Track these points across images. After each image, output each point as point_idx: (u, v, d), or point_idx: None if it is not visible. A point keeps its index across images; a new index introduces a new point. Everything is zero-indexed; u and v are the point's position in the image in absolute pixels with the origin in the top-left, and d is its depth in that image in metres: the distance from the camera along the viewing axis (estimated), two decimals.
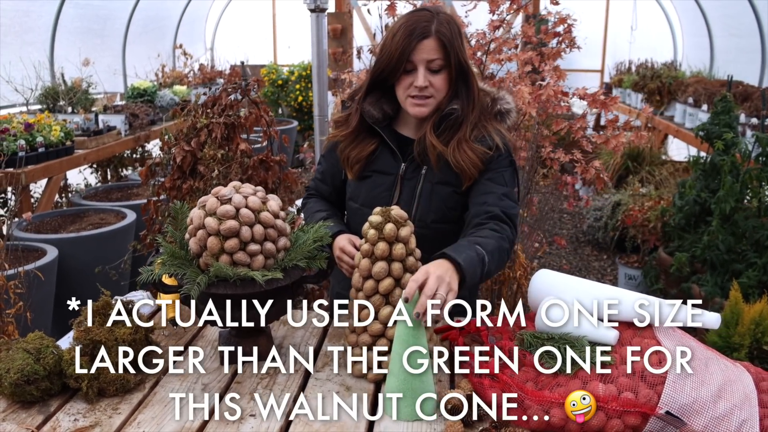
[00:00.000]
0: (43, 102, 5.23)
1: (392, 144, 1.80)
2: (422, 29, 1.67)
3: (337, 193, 1.98)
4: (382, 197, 1.82)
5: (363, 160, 1.82)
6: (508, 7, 3.01)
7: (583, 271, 5.54)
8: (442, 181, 1.77)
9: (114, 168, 5.89)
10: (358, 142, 1.83)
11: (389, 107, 1.80)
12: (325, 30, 3.75)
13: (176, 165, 2.82)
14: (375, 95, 1.79)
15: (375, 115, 1.78)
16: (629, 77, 8.12)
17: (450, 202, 1.78)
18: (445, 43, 1.67)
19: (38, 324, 2.67)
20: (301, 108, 8.98)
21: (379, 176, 1.83)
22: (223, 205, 1.44)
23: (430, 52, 1.67)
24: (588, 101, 2.63)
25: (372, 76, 1.77)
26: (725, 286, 3.73)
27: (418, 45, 1.66)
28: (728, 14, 7.65)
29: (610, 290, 1.57)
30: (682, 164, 6.09)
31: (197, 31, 10.04)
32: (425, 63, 1.67)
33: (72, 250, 3.51)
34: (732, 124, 4.18)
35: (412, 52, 1.66)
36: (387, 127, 1.82)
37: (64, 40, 6.28)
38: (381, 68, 1.73)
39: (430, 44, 1.66)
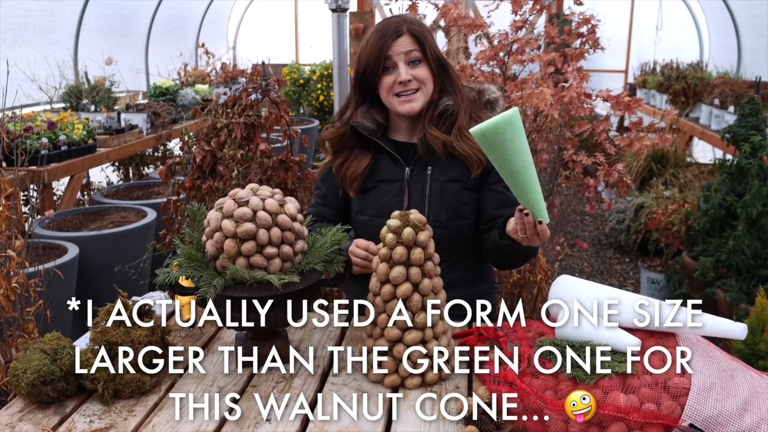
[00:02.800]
0: (66, 100, 5.28)
1: (392, 151, 1.80)
2: (394, 29, 1.73)
3: (341, 215, 1.95)
4: (391, 205, 1.80)
5: (360, 176, 1.83)
6: (530, 8, 2.98)
7: (605, 274, 5.48)
8: (450, 178, 1.78)
9: (135, 166, 5.93)
10: (352, 159, 1.84)
11: (380, 116, 1.82)
12: (346, 30, 3.74)
13: (196, 165, 2.82)
14: (363, 108, 1.81)
15: (369, 127, 1.80)
16: (654, 78, 8.00)
17: (461, 198, 1.79)
18: (418, 37, 1.73)
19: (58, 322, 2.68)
20: (323, 107, 8.99)
21: (384, 185, 1.83)
22: (240, 208, 1.43)
23: (406, 46, 1.72)
24: (611, 103, 2.58)
25: (354, 85, 1.81)
26: (751, 292, 3.66)
27: (393, 42, 1.72)
28: (757, 14, 7.50)
29: (632, 297, 1.53)
30: (707, 167, 5.99)
31: (219, 30, 10.09)
32: (403, 56, 1.72)
33: (93, 248, 3.53)
34: (759, 126, 4.10)
35: (388, 48, 1.71)
36: (383, 136, 1.83)
37: (88, 39, 6.34)
38: (360, 73, 1.76)
39: (404, 40, 1.73)
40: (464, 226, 1.79)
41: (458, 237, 1.78)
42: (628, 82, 10.01)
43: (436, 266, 1.47)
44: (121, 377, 1.40)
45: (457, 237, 1.78)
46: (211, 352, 1.63)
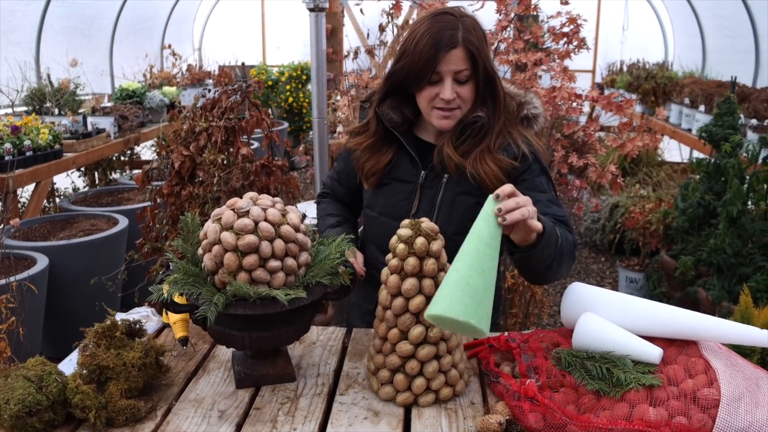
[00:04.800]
0: (29, 104, 5.07)
1: (411, 150, 1.70)
2: (449, 39, 1.56)
3: (352, 195, 1.89)
4: (400, 206, 1.72)
5: (379, 171, 1.73)
6: (516, 7, 2.93)
7: (582, 274, 5.48)
8: (464, 191, 1.67)
9: (102, 171, 5.73)
10: (374, 151, 1.73)
11: (410, 111, 1.70)
12: (324, 30, 3.64)
13: (174, 170, 2.70)
14: (395, 99, 1.69)
15: (394, 119, 1.68)
16: (622, 77, 8.08)
17: (472, 214, 1.66)
18: (473, 53, 1.57)
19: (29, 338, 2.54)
20: (292, 109, 8.86)
21: (397, 184, 1.73)
22: (241, 219, 1.33)
23: (458, 63, 1.57)
24: (602, 104, 2.54)
25: (391, 81, 1.67)
26: (732, 290, 3.67)
27: (445, 56, 1.56)
28: (721, 14, 7.62)
29: (648, 304, 1.48)
30: (680, 166, 6.04)
31: (185, 31, 9.87)
32: (452, 74, 1.58)
33: (63, 258, 3.37)
34: (735, 125, 4.12)
35: (438, 63, 1.56)
36: (407, 131, 1.72)
37: (50, 39, 6.11)
38: (402, 76, 1.63)
39: (457, 54, 1.56)
40: None
41: None
42: (596, 82, 10.10)
43: None
44: (113, 404, 1.29)
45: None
46: (206, 372, 1.53)
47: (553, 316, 4.44)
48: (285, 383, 1.47)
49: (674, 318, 1.43)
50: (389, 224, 1.71)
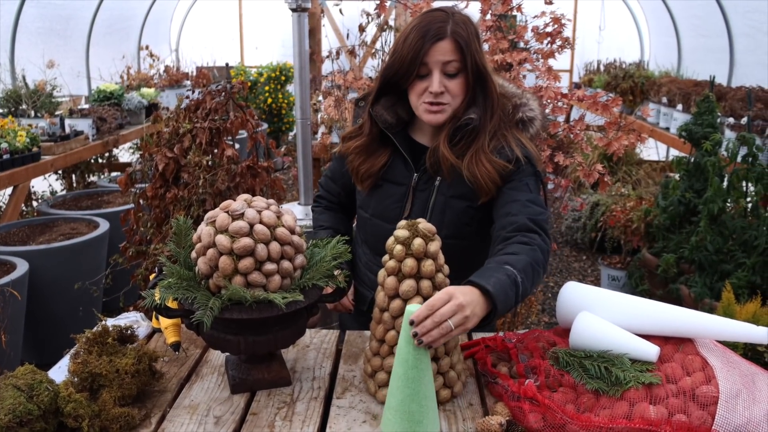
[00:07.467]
0: (4, 106, 4.97)
1: (404, 152, 1.69)
2: (437, 30, 1.55)
3: (347, 193, 1.87)
4: (393, 209, 1.71)
5: (374, 174, 1.71)
6: (501, 8, 2.93)
7: (564, 272, 5.51)
8: (456, 194, 1.65)
9: (80, 174, 5.64)
10: (369, 154, 1.71)
11: (404, 111, 1.68)
12: (306, 30, 3.62)
13: (158, 173, 2.66)
14: (389, 99, 1.67)
15: (388, 120, 1.66)
16: (599, 77, 8.15)
17: (464, 218, 1.66)
18: (461, 45, 1.55)
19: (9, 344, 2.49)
20: (271, 110, 8.80)
21: (390, 186, 1.72)
22: (236, 221, 1.31)
23: (446, 54, 1.55)
24: (588, 104, 2.56)
25: (382, 79, 1.65)
26: (714, 287, 3.72)
27: (432, 47, 1.54)
28: (696, 14, 7.73)
29: (645, 303, 1.49)
30: (659, 164, 6.11)
31: (162, 31, 9.75)
32: (440, 66, 1.56)
33: (43, 263, 3.31)
34: (715, 124, 4.18)
35: (426, 54, 1.55)
36: (401, 132, 1.70)
37: (25, 41, 6.00)
38: (392, 72, 1.61)
39: (445, 46, 1.55)
40: (462, 247, 1.65)
41: (453, 257, 1.50)
42: (574, 81, 10.18)
43: (446, 278, 1.38)
44: (107, 412, 1.26)
45: (452, 257, 1.49)
46: (199, 378, 1.50)
47: (540, 315, 4.46)
48: (280, 388, 1.45)
49: (672, 316, 1.44)
50: (382, 226, 1.69)
